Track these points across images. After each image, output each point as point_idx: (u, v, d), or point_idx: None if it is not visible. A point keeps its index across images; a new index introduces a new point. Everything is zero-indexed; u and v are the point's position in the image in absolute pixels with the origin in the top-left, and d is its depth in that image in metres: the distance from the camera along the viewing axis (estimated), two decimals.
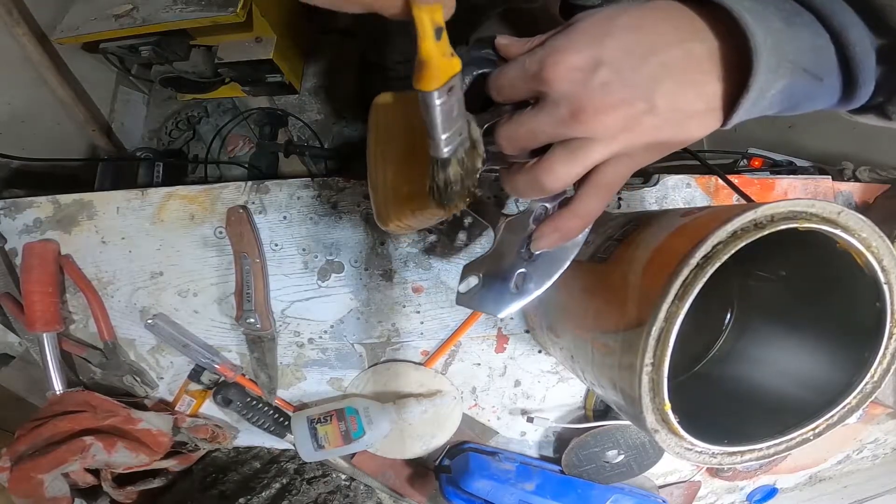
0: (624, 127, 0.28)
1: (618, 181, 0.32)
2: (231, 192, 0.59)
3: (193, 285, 0.60)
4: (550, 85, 0.28)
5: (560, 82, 0.28)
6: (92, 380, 0.62)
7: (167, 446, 0.57)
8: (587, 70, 0.27)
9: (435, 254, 0.61)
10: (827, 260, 0.35)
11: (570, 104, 0.28)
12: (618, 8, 0.28)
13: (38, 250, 0.57)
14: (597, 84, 0.27)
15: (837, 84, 0.29)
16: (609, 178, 0.31)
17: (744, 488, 0.78)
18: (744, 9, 0.26)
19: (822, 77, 0.28)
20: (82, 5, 0.85)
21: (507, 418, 0.67)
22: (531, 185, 0.31)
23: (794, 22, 0.28)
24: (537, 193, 0.32)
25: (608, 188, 0.32)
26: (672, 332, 0.30)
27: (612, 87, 0.27)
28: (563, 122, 0.28)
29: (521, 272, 0.35)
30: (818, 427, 0.36)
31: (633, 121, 0.28)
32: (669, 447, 0.34)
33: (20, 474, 0.52)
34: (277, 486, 0.62)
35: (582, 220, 0.33)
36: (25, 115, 0.86)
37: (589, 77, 0.27)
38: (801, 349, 0.42)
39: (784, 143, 0.95)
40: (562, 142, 0.29)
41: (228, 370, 0.60)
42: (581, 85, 0.27)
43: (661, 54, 0.27)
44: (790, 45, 0.27)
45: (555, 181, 0.30)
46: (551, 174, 0.30)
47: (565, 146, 0.29)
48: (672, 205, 0.64)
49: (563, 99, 0.28)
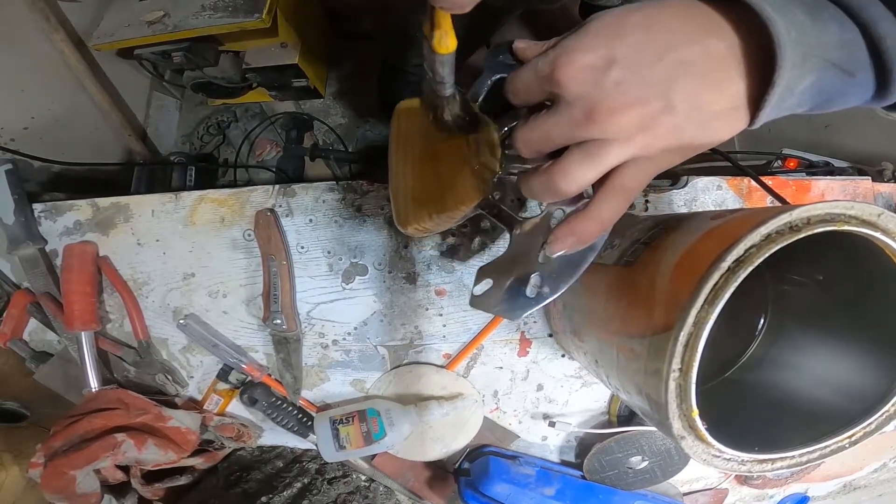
0: (641, 127, 0.27)
1: (637, 185, 0.31)
2: (259, 195, 0.61)
3: (223, 286, 0.62)
4: (563, 86, 0.27)
5: (572, 83, 0.27)
6: (126, 378, 0.64)
7: (195, 444, 0.59)
8: (599, 69, 0.26)
9: (458, 257, 0.61)
10: (866, 264, 0.34)
11: (583, 105, 0.27)
12: (631, 6, 0.28)
13: (78, 252, 0.59)
14: (610, 83, 0.26)
15: (870, 79, 0.28)
16: (628, 182, 0.30)
17: (773, 496, 0.75)
18: (765, 1, 0.25)
19: (854, 72, 0.27)
20: (116, 12, 0.88)
21: (529, 422, 0.66)
22: (547, 188, 0.31)
23: (820, 16, 0.26)
24: (553, 196, 0.31)
25: (627, 192, 0.31)
26: (701, 337, 0.30)
27: (626, 85, 0.26)
28: (578, 124, 0.28)
29: (537, 276, 0.35)
30: (854, 435, 0.34)
31: (651, 120, 0.27)
32: (696, 454, 0.33)
33: (53, 470, 0.54)
34: (299, 485, 0.62)
35: (599, 225, 0.32)
36: (65, 120, 0.90)
37: (601, 76, 0.26)
38: (837, 355, 0.40)
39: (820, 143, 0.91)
40: (578, 144, 0.29)
41: (255, 370, 0.61)
42: (594, 84, 0.27)
43: (678, 51, 0.26)
44: (816, 38, 0.26)
45: (570, 183, 0.29)
46: (566, 176, 0.29)
47: (581, 148, 0.29)
48: (702, 207, 0.63)
49: (577, 100, 0.27)
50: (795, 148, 0.86)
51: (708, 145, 0.29)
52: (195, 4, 0.83)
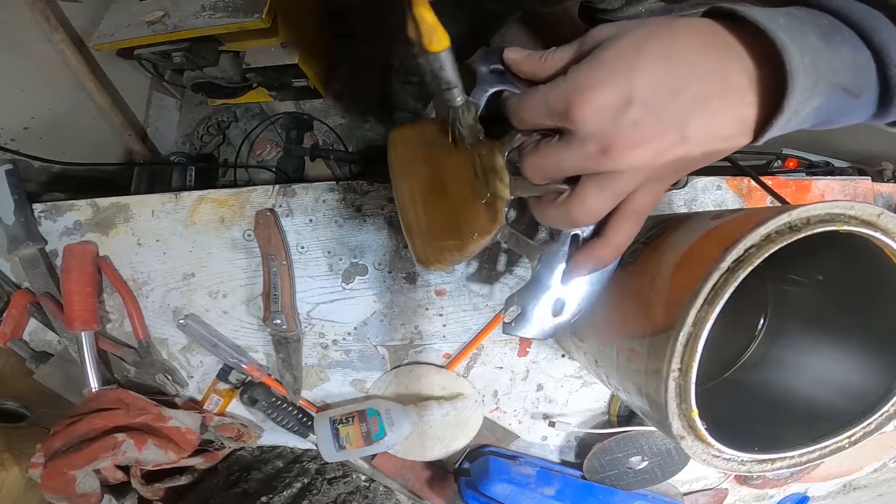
0: (653, 159, 0.27)
1: (649, 207, 0.31)
2: (259, 195, 0.61)
3: (223, 286, 0.62)
4: (578, 125, 0.27)
5: (588, 122, 0.27)
6: (126, 378, 0.64)
7: (195, 444, 0.59)
8: (617, 109, 0.26)
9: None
10: (866, 264, 0.34)
11: (598, 142, 0.27)
12: (645, 33, 0.27)
13: (78, 252, 0.59)
14: (627, 123, 0.26)
15: (873, 100, 0.28)
16: (639, 206, 0.31)
17: (773, 496, 0.75)
18: (779, 27, 0.25)
19: (860, 94, 0.27)
20: (116, 12, 0.88)
21: (529, 422, 0.66)
22: (563, 219, 0.31)
23: (834, 39, 0.26)
24: (570, 226, 0.33)
25: (639, 215, 0.31)
26: (701, 337, 0.30)
27: (643, 124, 0.26)
28: (592, 159, 0.27)
29: (560, 298, 0.36)
30: (854, 435, 0.34)
31: (664, 152, 0.27)
32: (696, 454, 0.33)
33: (53, 470, 0.54)
34: (299, 485, 0.62)
35: (615, 250, 0.33)
36: (65, 120, 0.90)
37: (619, 116, 0.26)
38: (837, 355, 0.40)
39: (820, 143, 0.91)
40: (590, 175, 0.29)
41: (255, 370, 0.61)
42: (610, 124, 0.26)
43: (696, 87, 0.26)
44: (829, 64, 0.26)
45: (587, 215, 0.30)
46: (582, 208, 0.30)
47: (595, 181, 0.29)
48: (702, 207, 0.63)
49: (591, 137, 0.27)
50: (795, 148, 0.86)
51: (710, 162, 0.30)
52: (195, 4, 0.83)
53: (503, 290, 0.61)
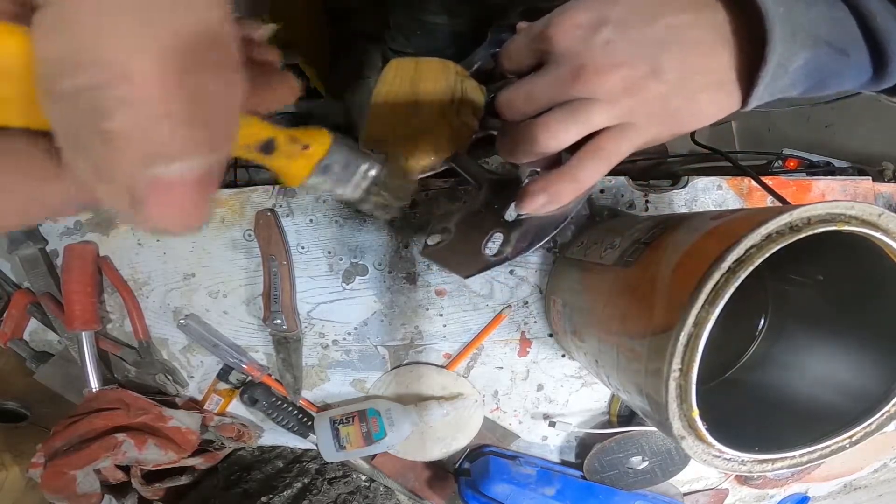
0: (627, 90, 0.27)
1: (619, 151, 0.30)
2: (259, 195, 0.60)
3: (223, 286, 0.62)
4: (553, 42, 0.28)
5: (562, 39, 0.27)
6: (126, 378, 0.64)
7: (195, 444, 0.59)
8: (591, 27, 0.27)
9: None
10: (866, 264, 0.34)
11: (570, 62, 0.27)
12: None
13: (78, 252, 0.59)
14: (599, 42, 0.26)
15: (866, 60, 0.28)
16: (610, 146, 0.29)
17: (774, 496, 0.75)
18: None
19: (847, 50, 0.27)
20: None
21: (529, 422, 0.66)
22: (525, 144, 0.30)
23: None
24: (531, 155, 0.30)
25: (608, 156, 0.30)
26: (701, 337, 0.30)
27: (614, 46, 0.26)
28: (563, 81, 0.28)
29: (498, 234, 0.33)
30: (855, 435, 0.34)
31: (637, 84, 0.27)
32: (696, 454, 0.33)
33: (53, 470, 0.54)
34: (299, 485, 0.62)
35: (575, 185, 0.30)
36: None
37: (592, 35, 0.27)
38: (838, 355, 0.40)
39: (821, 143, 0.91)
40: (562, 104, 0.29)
41: (255, 370, 0.61)
42: (583, 42, 0.27)
43: (669, 17, 0.26)
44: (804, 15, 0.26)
45: (550, 139, 0.29)
46: (547, 132, 0.29)
47: (565, 107, 0.28)
48: (702, 207, 0.63)
49: (565, 57, 0.27)
50: (796, 148, 0.86)
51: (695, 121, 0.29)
52: None
53: (503, 291, 0.61)
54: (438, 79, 0.37)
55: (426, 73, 0.38)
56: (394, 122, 0.38)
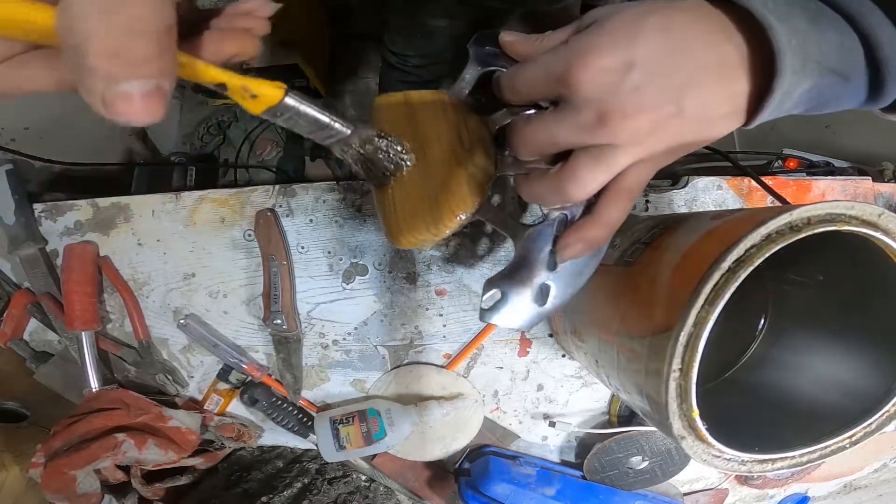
0: (651, 131, 0.27)
1: (640, 186, 0.31)
2: (259, 195, 0.61)
3: (223, 286, 0.62)
4: (577, 88, 0.27)
5: (588, 85, 0.26)
6: (126, 378, 0.64)
7: (195, 444, 0.59)
8: (618, 73, 0.26)
9: (458, 258, 0.61)
10: (866, 264, 0.34)
11: (596, 109, 0.26)
12: (643, 9, 0.27)
13: (78, 252, 0.59)
14: (628, 88, 0.26)
15: (864, 83, 0.28)
16: (632, 184, 0.30)
17: (774, 496, 0.75)
18: (767, 10, 0.25)
19: (850, 77, 0.28)
20: None
21: (529, 422, 0.66)
22: (554, 194, 0.30)
23: (820, 22, 0.27)
24: (560, 202, 0.31)
25: (631, 194, 0.31)
26: (701, 337, 0.30)
27: (643, 91, 0.26)
28: (588, 129, 0.27)
29: (545, 284, 0.34)
30: (855, 435, 0.34)
31: (661, 124, 0.27)
32: (696, 454, 0.33)
33: (53, 470, 0.54)
34: (299, 485, 0.62)
35: (607, 230, 0.32)
36: (66, 120, 0.90)
37: (620, 80, 0.26)
38: (838, 355, 0.40)
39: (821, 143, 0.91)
40: (585, 148, 0.28)
41: (255, 370, 0.61)
42: (610, 88, 0.26)
43: (696, 57, 0.26)
44: (816, 46, 0.26)
45: (580, 190, 0.29)
46: (576, 183, 0.29)
47: (590, 153, 0.28)
48: (702, 207, 0.63)
49: (589, 103, 0.27)
50: (796, 148, 0.86)
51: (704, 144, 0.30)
52: None
53: None
54: (438, 117, 0.35)
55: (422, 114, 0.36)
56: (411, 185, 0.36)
